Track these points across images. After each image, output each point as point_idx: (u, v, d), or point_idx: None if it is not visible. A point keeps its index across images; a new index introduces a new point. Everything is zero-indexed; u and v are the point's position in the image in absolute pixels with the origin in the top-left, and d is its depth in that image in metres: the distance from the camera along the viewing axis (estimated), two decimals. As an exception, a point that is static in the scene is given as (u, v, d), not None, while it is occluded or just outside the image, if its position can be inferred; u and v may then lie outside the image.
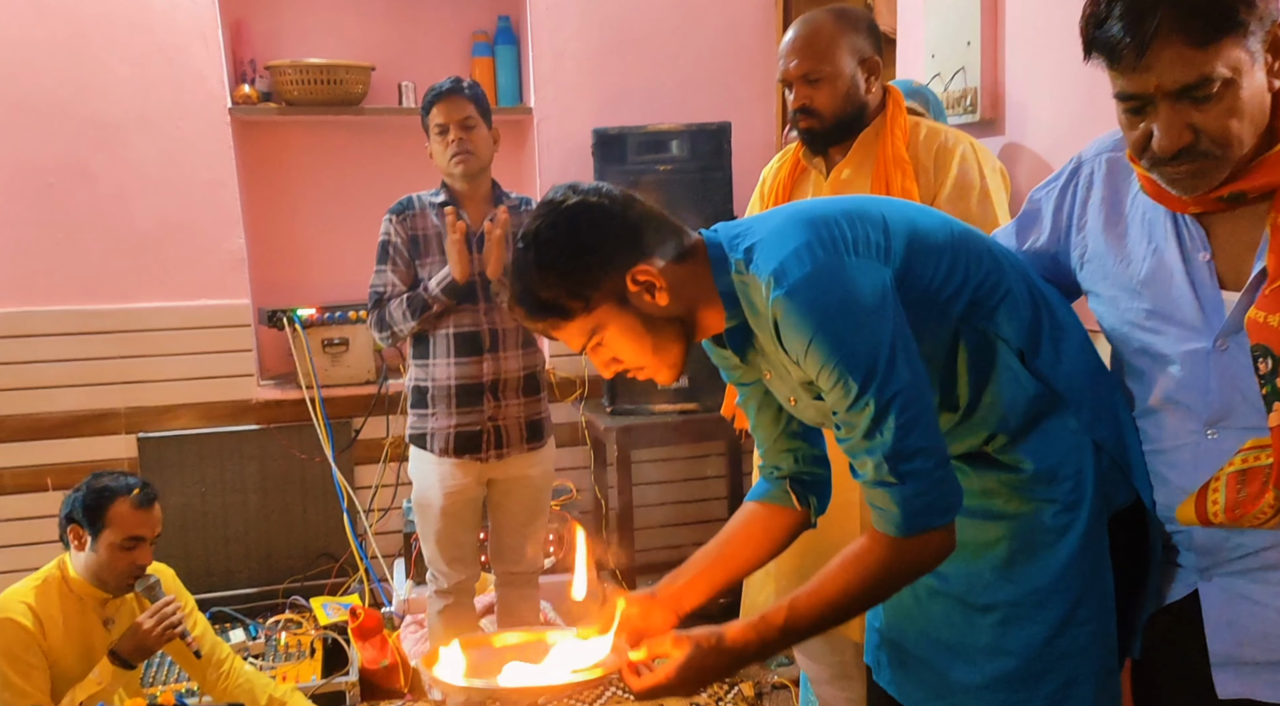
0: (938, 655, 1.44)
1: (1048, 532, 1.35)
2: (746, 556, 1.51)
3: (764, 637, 1.31)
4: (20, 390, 3.38)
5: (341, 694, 2.99)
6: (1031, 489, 1.36)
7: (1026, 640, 1.36)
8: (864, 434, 1.25)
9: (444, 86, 2.58)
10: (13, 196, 3.33)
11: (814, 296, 1.24)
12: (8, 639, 2.01)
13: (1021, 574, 1.36)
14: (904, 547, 1.27)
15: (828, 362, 1.24)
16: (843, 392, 1.24)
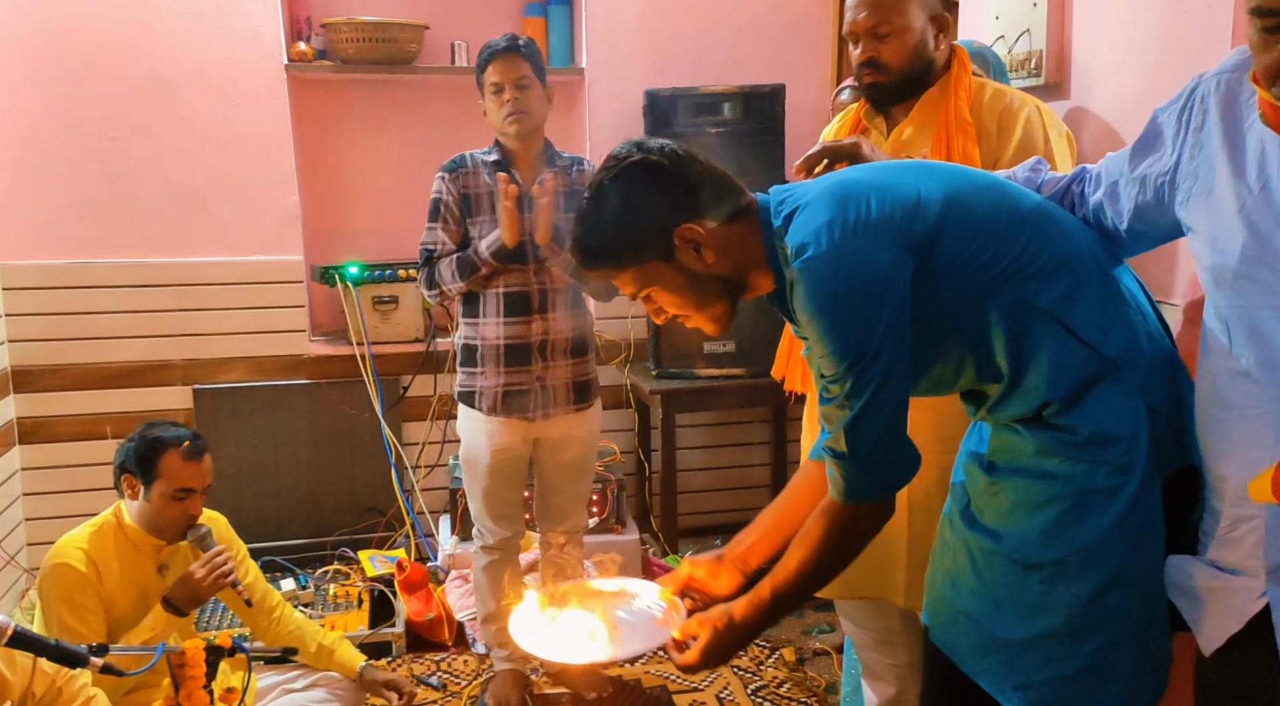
0: (987, 611, 1.46)
1: (1099, 494, 1.36)
2: (807, 513, 1.54)
3: (761, 610, 1.46)
4: (81, 340, 3.46)
5: (388, 644, 3.05)
6: (1085, 451, 1.37)
7: (1071, 598, 1.37)
8: (836, 402, 1.36)
9: (500, 44, 2.57)
10: (76, 151, 3.39)
11: (822, 277, 1.34)
12: (64, 583, 2.06)
13: (1071, 533, 1.37)
14: (843, 513, 1.42)
15: (822, 338, 1.35)
16: (828, 364, 1.35)
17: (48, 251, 3.41)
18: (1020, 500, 1.41)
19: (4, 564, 3.27)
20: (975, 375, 1.43)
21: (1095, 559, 1.36)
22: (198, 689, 1.80)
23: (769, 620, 1.47)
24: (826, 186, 1.42)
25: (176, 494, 2.13)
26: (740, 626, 1.46)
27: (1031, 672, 1.41)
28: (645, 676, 2.92)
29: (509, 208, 2.49)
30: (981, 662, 1.47)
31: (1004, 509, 1.44)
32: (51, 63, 3.33)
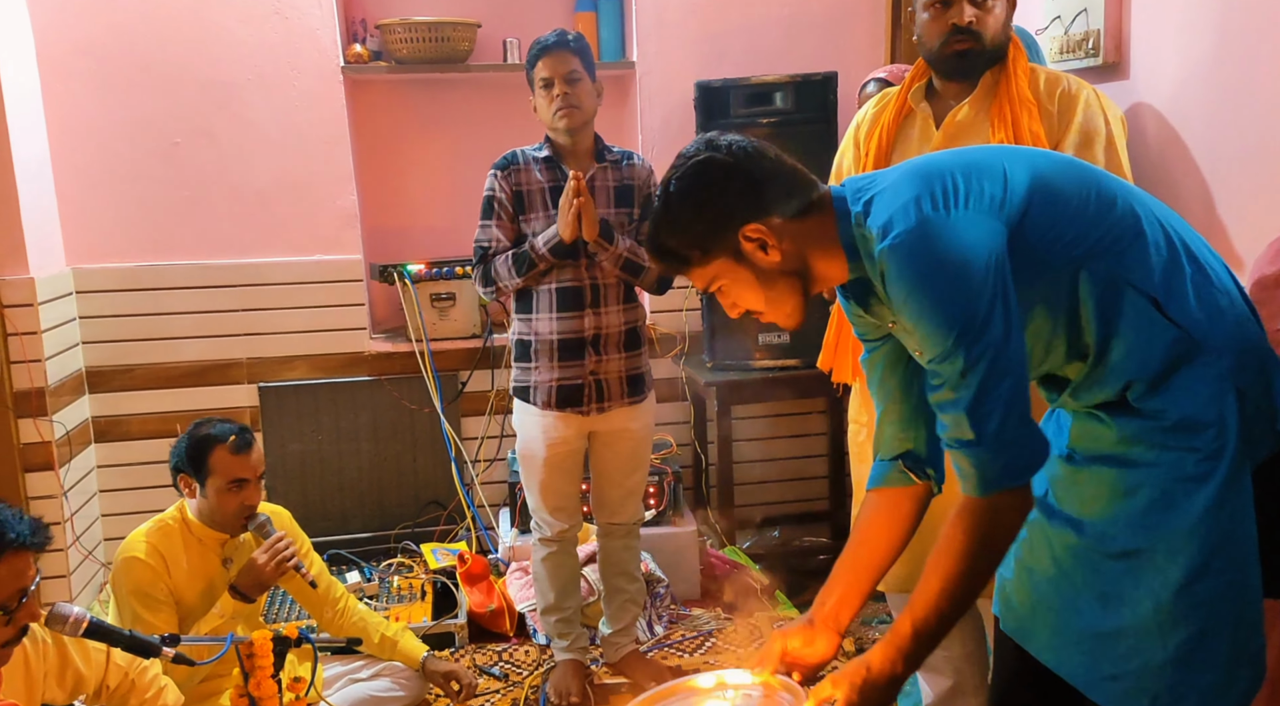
0: (1068, 602, 1.44)
1: (1188, 481, 1.34)
2: (885, 549, 1.53)
3: (903, 651, 1.34)
4: (150, 340, 3.56)
5: (451, 635, 3.10)
6: (1172, 437, 1.34)
7: (1159, 587, 1.35)
8: (950, 385, 1.29)
9: (549, 40, 2.58)
10: (143, 155, 3.49)
11: (915, 251, 1.29)
12: (135, 577, 2.14)
13: (1158, 520, 1.35)
14: (983, 509, 1.31)
15: (923, 316, 1.29)
16: (934, 344, 1.29)
17: (117, 255, 3.51)
18: (1104, 489, 1.39)
19: (83, 558, 3.39)
20: (1064, 353, 1.39)
21: (1184, 547, 1.33)
22: (266, 678, 1.85)
23: (914, 659, 1.35)
24: (906, 169, 1.40)
25: (230, 486, 2.19)
26: (879, 678, 1.34)
27: (1119, 663, 1.39)
28: (705, 666, 2.92)
29: (581, 204, 2.49)
30: (1063, 654, 1.46)
31: (1086, 498, 1.42)
32: (115, 71, 3.42)
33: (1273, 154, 1.93)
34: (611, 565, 2.88)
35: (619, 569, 2.87)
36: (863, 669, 1.35)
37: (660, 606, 3.20)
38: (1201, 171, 2.11)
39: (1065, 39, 2.51)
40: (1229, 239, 2.05)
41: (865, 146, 2.17)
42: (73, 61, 3.40)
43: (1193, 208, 2.13)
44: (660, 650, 3.04)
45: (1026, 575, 1.50)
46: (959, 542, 1.32)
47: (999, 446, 1.29)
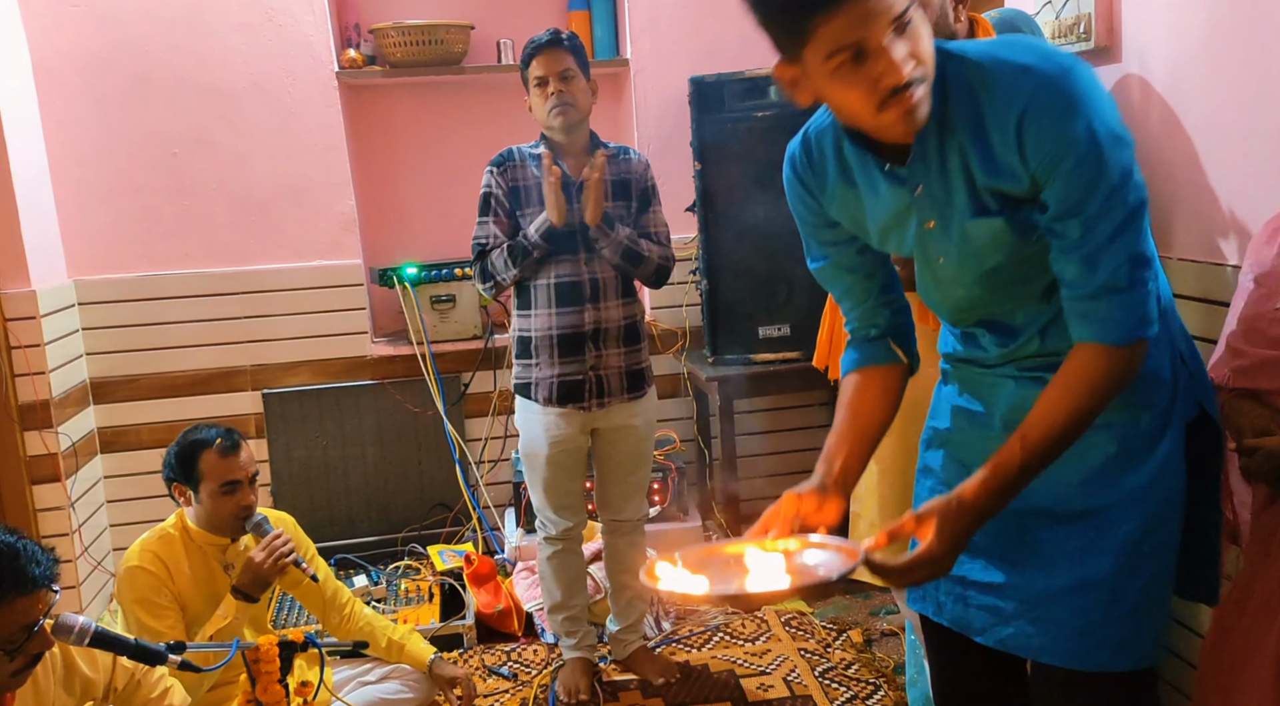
0: (1012, 573, 1.47)
1: (1144, 436, 1.41)
2: (881, 420, 1.53)
3: (1004, 482, 1.30)
4: (153, 350, 3.57)
5: (459, 636, 3.11)
6: (1133, 393, 1.39)
7: (1121, 539, 1.41)
8: (1110, 235, 1.26)
9: (543, 39, 2.59)
10: (141, 166, 3.50)
11: (1089, 83, 1.25)
12: (138, 585, 2.14)
13: (1117, 478, 1.42)
14: (1121, 357, 1.30)
15: (1093, 149, 1.23)
16: (1095, 185, 1.24)
17: (118, 266, 3.53)
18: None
19: (91, 569, 3.40)
20: (1044, 287, 1.39)
21: (1144, 498, 1.40)
22: (272, 683, 1.86)
23: (1011, 492, 1.31)
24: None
25: (223, 489, 2.20)
26: (976, 505, 1.29)
27: (1076, 620, 1.42)
28: (713, 661, 2.93)
29: (553, 183, 2.51)
30: (1007, 629, 1.48)
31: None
32: (111, 82, 3.44)
33: (1268, 134, 1.92)
34: (617, 562, 2.88)
35: (625, 566, 2.87)
36: (954, 501, 1.29)
37: (667, 602, 3.21)
38: (1198, 152, 2.11)
39: (1057, 24, 2.50)
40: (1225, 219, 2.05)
41: None
42: (69, 74, 3.41)
43: (1189, 189, 2.12)
44: (668, 645, 3.04)
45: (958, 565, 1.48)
46: (1094, 383, 1.30)
47: (1145, 294, 1.29)
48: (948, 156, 1.34)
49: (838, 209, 1.49)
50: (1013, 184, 1.30)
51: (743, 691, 2.77)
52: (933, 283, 1.48)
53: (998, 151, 1.29)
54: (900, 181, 1.38)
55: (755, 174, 3.44)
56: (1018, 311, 1.44)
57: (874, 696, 2.71)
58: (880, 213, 1.44)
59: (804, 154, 1.49)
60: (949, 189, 1.35)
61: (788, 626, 3.12)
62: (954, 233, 1.38)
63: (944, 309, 1.52)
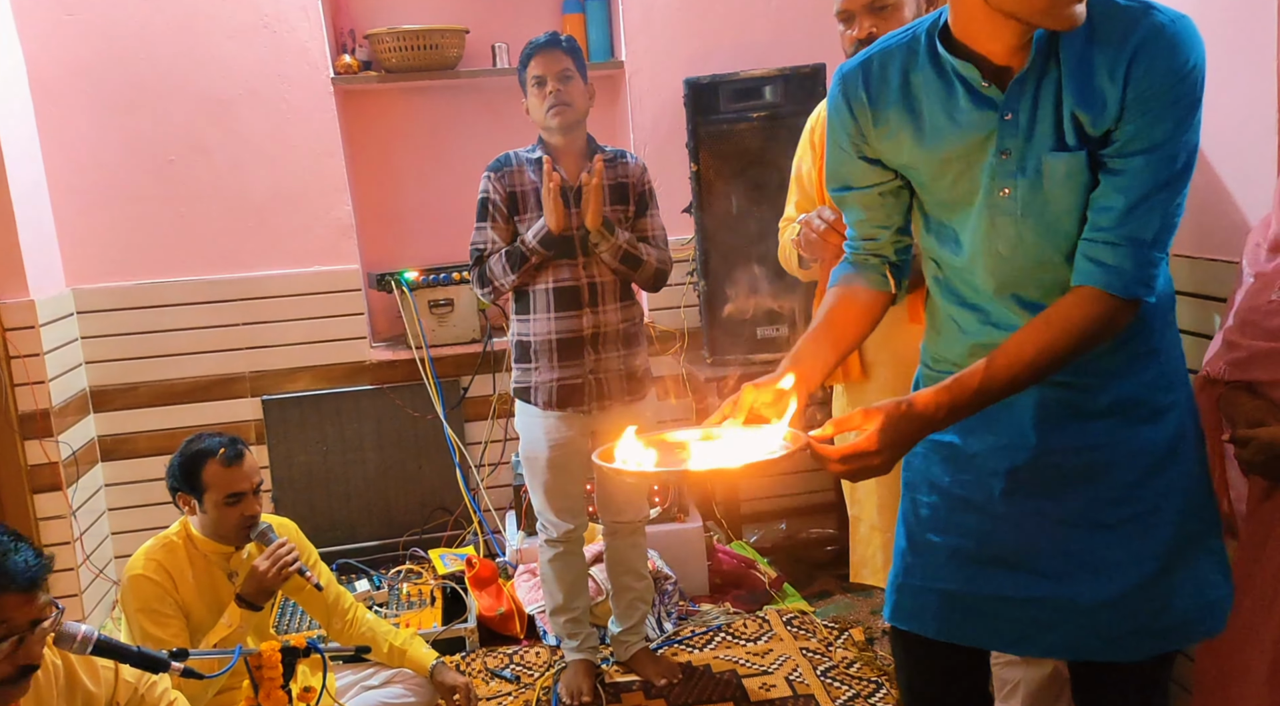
0: (1055, 585, 1.48)
1: (1170, 438, 1.47)
2: (853, 335, 1.56)
3: (955, 400, 1.32)
4: (152, 358, 3.58)
5: (461, 639, 3.12)
6: (1160, 393, 1.47)
7: (1164, 539, 1.45)
8: (1160, 184, 1.31)
9: (541, 40, 2.60)
10: (138, 174, 3.51)
11: (1201, 40, 1.30)
12: (142, 594, 2.14)
13: (1155, 480, 1.45)
14: (1115, 307, 1.33)
15: (1191, 95, 1.29)
16: (1178, 129, 1.30)
17: (116, 274, 3.53)
18: (1089, 461, 1.46)
19: (94, 577, 3.41)
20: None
21: (1176, 495, 1.46)
22: (275, 689, 1.86)
23: (962, 412, 1.33)
24: None
25: (228, 499, 2.19)
26: (922, 414, 1.31)
27: (1129, 621, 1.46)
28: (714, 662, 2.93)
29: (552, 189, 2.51)
30: (1052, 636, 1.49)
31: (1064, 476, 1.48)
32: (107, 91, 3.44)
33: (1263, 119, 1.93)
34: (618, 564, 2.89)
35: (626, 567, 2.88)
36: (903, 405, 1.31)
37: (669, 603, 3.21)
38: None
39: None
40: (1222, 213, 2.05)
41: (819, 148, 2.16)
42: (65, 83, 3.41)
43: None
44: (670, 646, 3.04)
45: (970, 578, 1.54)
46: (1074, 325, 1.33)
47: (1160, 258, 1.33)
48: (1044, 86, 1.35)
49: (883, 138, 1.48)
50: (1098, 114, 1.32)
51: (745, 691, 2.77)
52: (987, 225, 1.44)
53: (1098, 78, 1.31)
54: (990, 105, 1.38)
55: (751, 174, 3.44)
56: (1061, 277, 1.41)
57: (876, 695, 2.71)
58: (950, 140, 1.42)
59: (862, 76, 1.49)
60: (1036, 118, 1.36)
61: (789, 625, 3.12)
62: (1030, 165, 1.38)
63: (984, 259, 1.47)
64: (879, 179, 1.53)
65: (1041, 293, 1.43)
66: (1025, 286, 1.44)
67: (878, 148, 1.50)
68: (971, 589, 1.53)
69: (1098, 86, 1.31)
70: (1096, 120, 1.32)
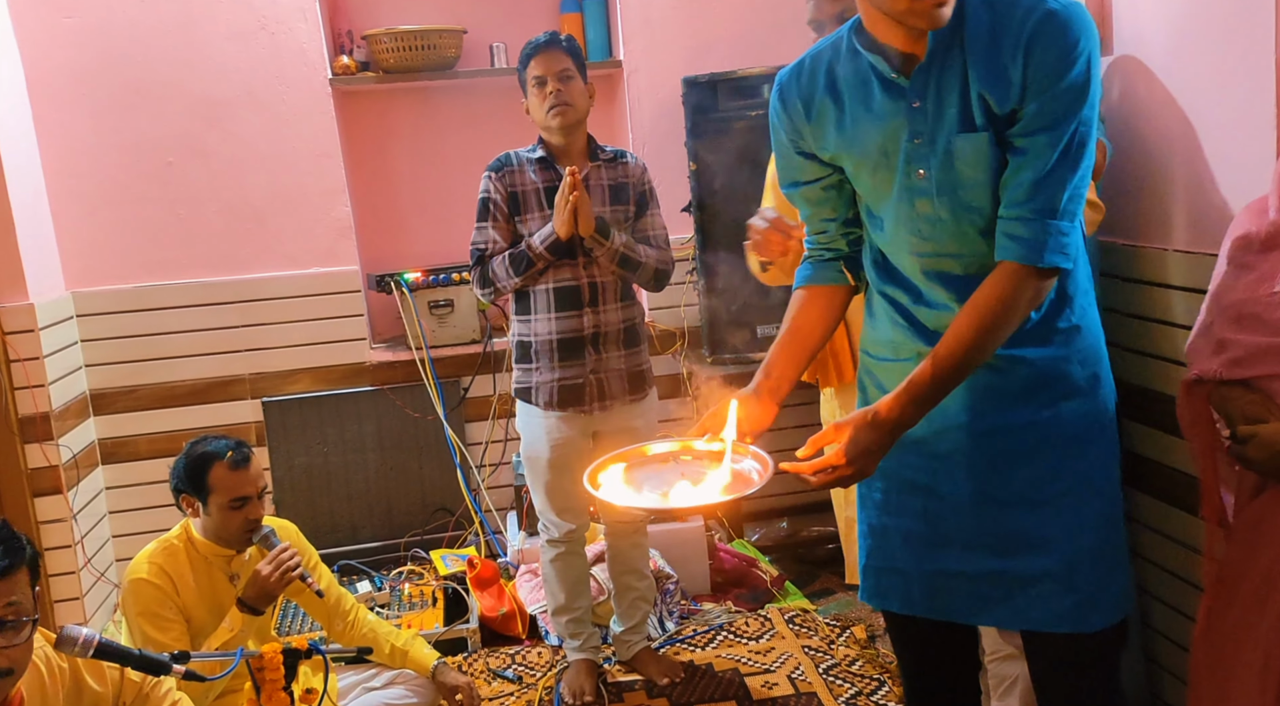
0: (1001, 560, 1.58)
1: (1096, 417, 1.57)
2: (819, 335, 1.67)
3: (915, 397, 1.43)
4: (152, 360, 3.58)
5: (463, 640, 3.12)
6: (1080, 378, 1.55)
7: (1098, 513, 1.56)
8: (1063, 160, 1.40)
9: (541, 40, 2.59)
10: (137, 176, 3.51)
11: (1093, 28, 1.40)
12: (143, 598, 2.14)
13: (1084, 459, 1.56)
14: (1034, 278, 1.43)
15: (1084, 79, 1.38)
16: (1072, 110, 1.39)
17: (116, 277, 3.53)
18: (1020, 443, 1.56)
19: (95, 580, 3.41)
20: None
21: (1104, 474, 1.58)
22: (277, 691, 1.86)
23: (925, 406, 1.43)
24: None
25: (233, 503, 2.19)
26: (888, 420, 1.41)
27: (1072, 592, 1.56)
28: (717, 660, 2.93)
29: (571, 200, 2.50)
30: (1002, 609, 1.60)
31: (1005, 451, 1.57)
32: (105, 94, 3.44)
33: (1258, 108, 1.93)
34: (620, 563, 2.89)
35: (628, 567, 2.88)
36: (869, 415, 1.42)
37: (671, 602, 3.21)
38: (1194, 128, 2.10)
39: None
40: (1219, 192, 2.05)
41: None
42: (63, 87, 3.41)
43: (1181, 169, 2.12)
44: (672, 646, 3.04)
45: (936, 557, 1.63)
46: (1001, 300, 1.43)
47: (1071, 229, 1.43)
48: (947, 72, 1.45)
49: (814, 132, 1.60)
50: (1003, 94, 1.42)
51: (747, 690, 2.77)
52: (907, 208, 1.54)
53: (1002, 60, 1.41)
54: (900, 94, 1.49)
55: (750, 173, 3.44)
56: (983, 254, 1.51)
57: (879, 692, 2.71)
58: (868, 128, 1.53)
59: (795, 76, 1.62)
60: (943, 103, 1.46)
61: (791, 624, 3.12)
62: (940, 146, 1.48)
63: (907, 240, 1.57)
64: (819, 173, 1.64)
65: (963, 268, 1.53)
66: (948, 264, 1.54)
67: (811, 142, 1.62)
68: (925, 567, 1.64)
69: (1002, 68, 1.41)
70: (1001, 100, 1.42)
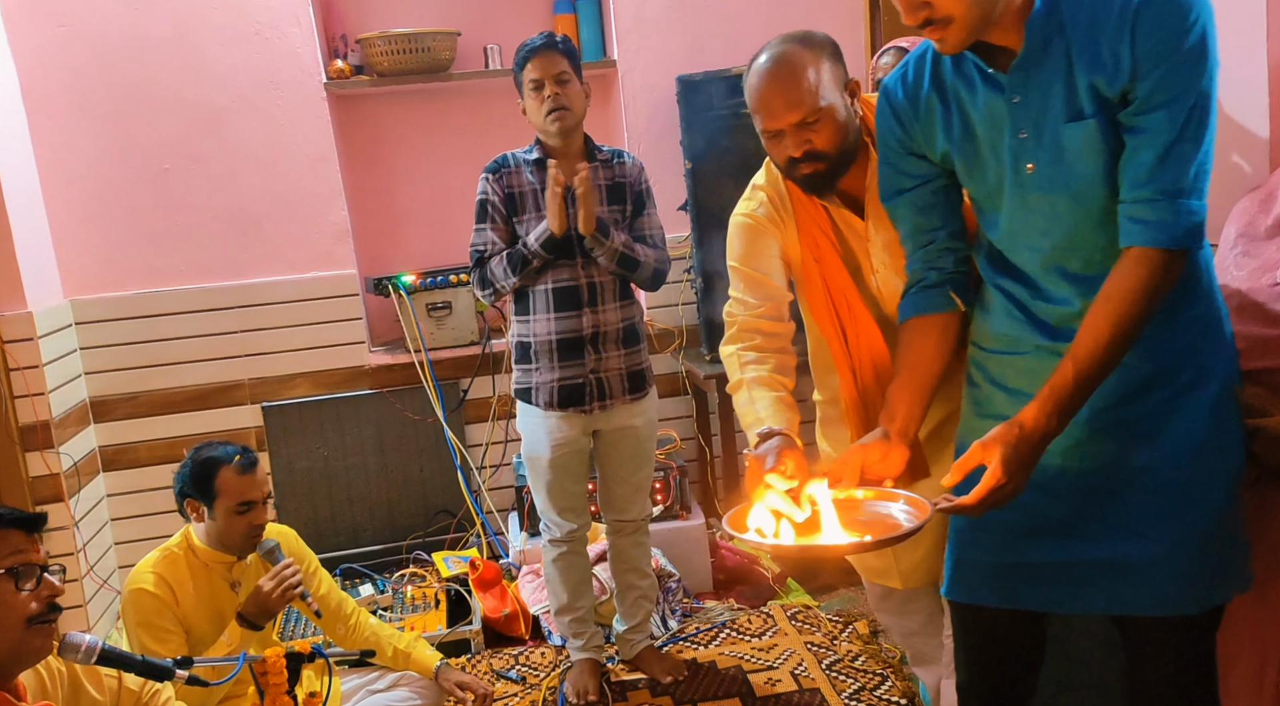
0: (1098, 547, 1.52)
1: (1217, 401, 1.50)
2: (938, 368, 1.61)
3: (1060, 405, 1.38)
4: (152, 367, 3.58)
5: (467, 641, 3.12)
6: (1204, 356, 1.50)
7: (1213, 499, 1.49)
8: (1188, 135, 1.34)
9: (536, 42, 2.59)
10: (133, 184, 3.51)
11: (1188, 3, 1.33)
12: (142, 608, 2.13)
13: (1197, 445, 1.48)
14: (1166, 261, 1.37)
15: (1200, 48, 1.32)
16: (1192, 82, 1.33)
17: (114, 284, 3.53)
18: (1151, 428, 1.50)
19: (98, 588, 3.41)
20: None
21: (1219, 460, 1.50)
22: (281, 695, 1.86)
23: (1070, 411, 1.39)
24: None
25: (238, 508, 2.18)
26: (1036, 431, 1.37)
27: (1174, 578, 1.48)
28: (720, 658, 2.93)
29: (557, 193, 2.51)
30: (1098, 595, 1.54)
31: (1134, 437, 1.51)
32: (100, 101, 3.44)
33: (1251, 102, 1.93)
34: (622, 562, 2.89)
35: (630, 566, 2.88)
36: (1015, 428, 1.37)
37: (673, 600, 3.21)
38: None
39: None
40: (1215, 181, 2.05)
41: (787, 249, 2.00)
42: (58, 94, 3.42)
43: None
44: (675, 644, 3.05)
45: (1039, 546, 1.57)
46: (1136, 290, 1.37)
47: (1201, 207, 1.36)
48: (1050, 60, 1.40)
49: (927, 131, 1.57)
50: (1111, 76, 1.37)
51: (750, 687, 2.78)
52: (1020, 204, 1.50)
53: (1107, 40, 1.36)
54: (1000, 89, 1.46)
55: (746, 170, 3.43)
56: (1104, 247, 1.46)
57: (881, 687, 2.71)
58: (973, 125, 1.51)
59: (899, 80, 1.60)
60: (1046, 94, 1.42)
61: (794, 620, 3.12)
62: (1046, 140, 1.43)
63: (1023, 235, 1.53)
64: (928, 174, 1.61)
65: (1083, 263, 1.48)
66: (1067, 259, 1.49)
67: (921, 141, 1.59)
68: (1023, 558, 1.58)
69: (1107, 50, 1.36)
70: (1111, 82, 1.36)
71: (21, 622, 1.52)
